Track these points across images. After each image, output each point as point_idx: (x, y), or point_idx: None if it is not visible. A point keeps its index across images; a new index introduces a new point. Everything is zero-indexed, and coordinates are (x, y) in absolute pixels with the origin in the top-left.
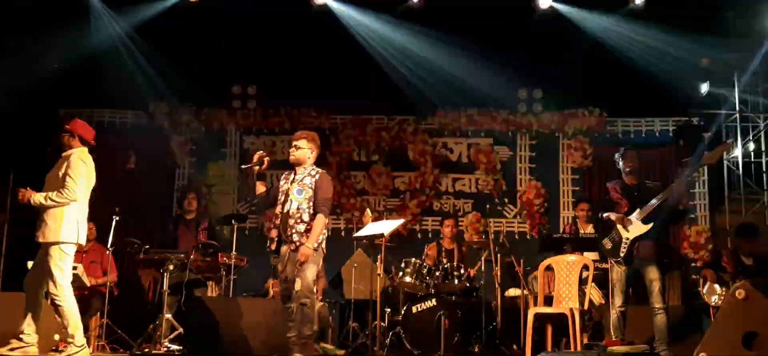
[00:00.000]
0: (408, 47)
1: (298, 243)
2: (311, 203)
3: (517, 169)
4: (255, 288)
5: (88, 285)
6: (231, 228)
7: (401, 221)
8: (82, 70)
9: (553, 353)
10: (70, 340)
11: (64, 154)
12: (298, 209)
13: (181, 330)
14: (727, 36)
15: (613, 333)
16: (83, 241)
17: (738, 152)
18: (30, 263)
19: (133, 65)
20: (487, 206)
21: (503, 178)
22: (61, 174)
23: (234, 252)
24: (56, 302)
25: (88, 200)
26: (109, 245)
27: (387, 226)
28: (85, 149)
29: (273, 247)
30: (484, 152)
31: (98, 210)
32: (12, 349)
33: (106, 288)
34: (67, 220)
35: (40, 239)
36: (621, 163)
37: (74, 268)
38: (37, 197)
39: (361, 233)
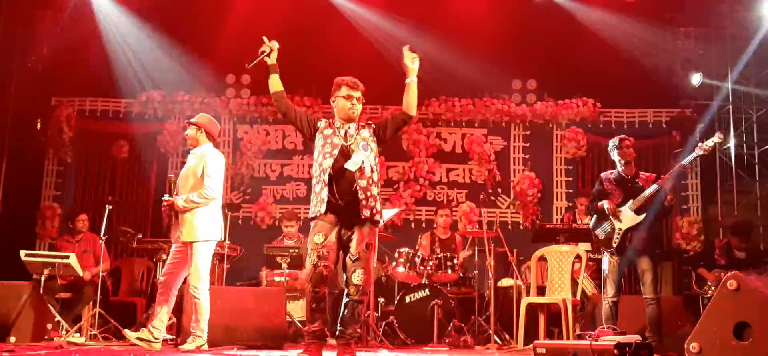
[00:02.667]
0: (402, 36)
1: (373, 212)
2: (377, 164)
3: (511, 159)
4: (249, 276)
5: (81, 274)
6: (224, 217)
7: (397, 209)
8: (76, 58)
9: (546, 342)
10: (199, 333)
11: (194, 151)
12: (371, 169)
13: (174, 319)
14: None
15: (604, 323)
16: (222, 236)
17: (731, 143)
18: (22, 253)
19: (126, 53)
20: (481, 196)
21: (497, 168)
22: (198, 173)
23: (227, 241)
24: (196, 296)
25: (222, 196)
26: (102, 235)
27: (383, 215)
28: (211, 145)
29: (323, 211)
30: (478, 142)
31: (91, 200)
32: (140, 338)
33: (99, 277)
34: (210, 218)
35: (185, 238)
36: (616, 153)
37: (66, 257)
38: (180, 202)
39: None
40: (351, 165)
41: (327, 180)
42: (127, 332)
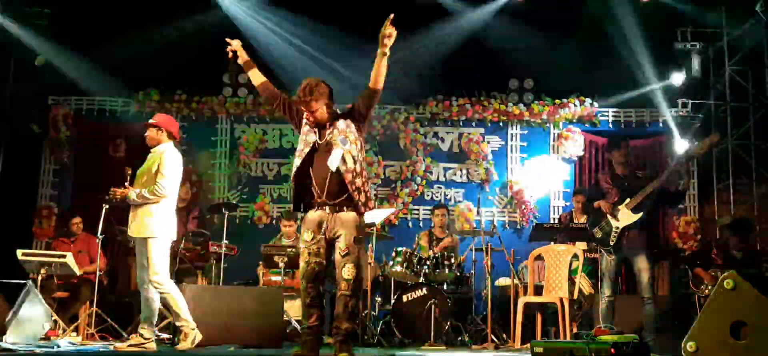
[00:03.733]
0: (400, 36)
1: (358, 205)
2: (360, 150)
3: (508, 158)
4: (246, 276)
5: (78, 273)
6: (221, 216)
7: (393, 209)
8: (73, 57)
9: (543, 341)
10: (183, 326)
11: (153, 150)
12: (353, 159)
13: (170, 318)
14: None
15: (601, 322)
16: (175, 236)
17: (727, 141)
18: (19, 253)
19: (124, 52)
20: (478, 195)
21: (494, 167)
22: (153, 171)
23: (224, 240)
24: (161, 291)
25: (177, 196)
26: (99, 234)
27: (378, 215)
28: (171, 144)
29: (302, 212)
30: (475, 141)
31: (88, 199)
32: (131, 345)
33: (96, 276)
34: (162, 216)
35: (135, 235)
36: (614, 154)
37: (63, 256)
38: (132, 194)
39: None
40: (331, 164)
41: (307, 182)
42: (118, 345)
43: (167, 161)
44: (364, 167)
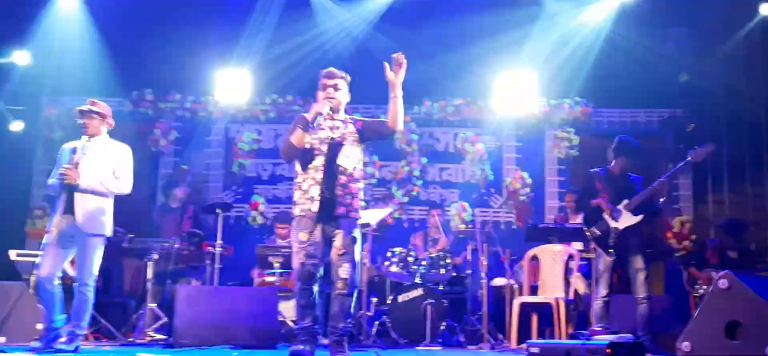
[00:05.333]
0: (395, 36)
1: (348, 209)
2: (358, 161)
3: (504, 159)
4: (240, 276)
5: (72, 274)
6: (216, 217)
7: (389, 209)
8: (66, 57)
9: (538, 342)
10: (79, 332)
11: (97, 138)
12: (354, 168)
13: (165, 319)
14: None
15: (597, 322)
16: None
17: (722, 142)
18: (12, 253)
19: (118, 52)
20: (473, 195)
21: (489, 168)
22: (111, 164)
23: (219, 241)
24: (87, 293)
25: None
26: None
27: (374, 215)
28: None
29: (316, 209)
30: (471, 141)
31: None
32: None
33: None
34: (110, 214)
35: (87, 229)
36: (612, 155)
37: None
38: (90, 181)
39: None
40: (346, 162)
41: (319, 178)
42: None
43: (128, 159)
44: (359, 179)
